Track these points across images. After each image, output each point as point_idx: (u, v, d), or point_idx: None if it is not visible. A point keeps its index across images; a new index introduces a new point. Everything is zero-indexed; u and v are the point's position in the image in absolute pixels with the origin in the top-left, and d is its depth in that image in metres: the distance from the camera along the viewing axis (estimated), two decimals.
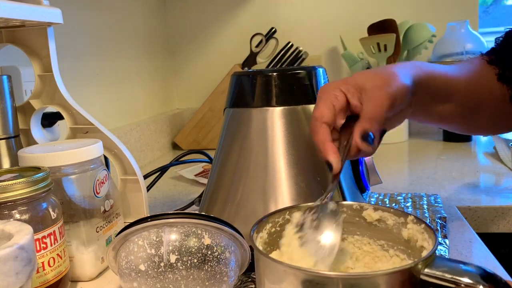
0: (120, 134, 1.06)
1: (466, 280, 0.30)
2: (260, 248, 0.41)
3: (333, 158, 0.44)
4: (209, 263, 0.43)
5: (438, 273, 0.31)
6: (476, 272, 0.31)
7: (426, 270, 0.32)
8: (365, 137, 0.44)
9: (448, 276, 0.31)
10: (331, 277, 0.32)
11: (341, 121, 0.47)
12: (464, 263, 0.32)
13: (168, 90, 1.52)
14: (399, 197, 0.78)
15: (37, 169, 0.49)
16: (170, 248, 0.43)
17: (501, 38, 0.63)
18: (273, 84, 0.55)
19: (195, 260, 0.43)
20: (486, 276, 0.30)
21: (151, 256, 0.43)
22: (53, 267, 0.48)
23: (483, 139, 1.31)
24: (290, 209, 0.44)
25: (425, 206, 0.73)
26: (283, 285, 0.33)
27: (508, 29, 0.63)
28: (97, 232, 0.55)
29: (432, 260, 0.32)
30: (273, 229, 0.43)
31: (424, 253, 0.37)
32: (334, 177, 0.44)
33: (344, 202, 0.45)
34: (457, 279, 0.31)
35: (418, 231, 0.39)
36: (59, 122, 0.76)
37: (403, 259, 0.41)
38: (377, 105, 0.46)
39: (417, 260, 0.32)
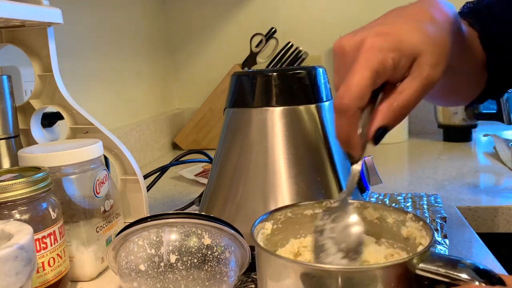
0: (120, 134, 1.06)
1: (460, 274, 0.31)
2: (261, 244, 0.41)
3: (357, 153, 0.38)
4: (209, 263, 0.43)
5: (432, 268, 0.32)
6: (470, 267, 0.31)
7: (421, 265, 0.32)
8: (381, 135, 0.38)
9: (442, 270, 0.31)
10: (328, 270, 0.32)
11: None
12: (459, 259, 0.32)
13: (168, 90, 1.52)
14: (399, 197, 0.78)
15: (37, 169, 0.49)
16: (170, 248, 0.43)
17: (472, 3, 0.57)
18: (273, 84, 0.55)
19: (195, 260, 0.43)
20: (481, 271, 0.31)
21: (151, 256, 0.43)
22: (53, 267, 0.48)
23: (483, 139, 1.31)
24: (291, 207, 0.44)
25: (425, 206, 0.73)
26: (283, 281, 0.34)
27: None
28: (97, 232, 0.55)
29: (427, 255, 0.33)
30: (275, 226, 0.43)
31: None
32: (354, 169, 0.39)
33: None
34: (451, 274, 0.31)
35: (417, 228, 0.40)
36: (59, 122, 0.76)
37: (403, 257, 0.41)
38: (414, 91, 0.37)
39: (413, 254, 0.33)
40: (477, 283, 0.30)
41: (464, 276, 0.30)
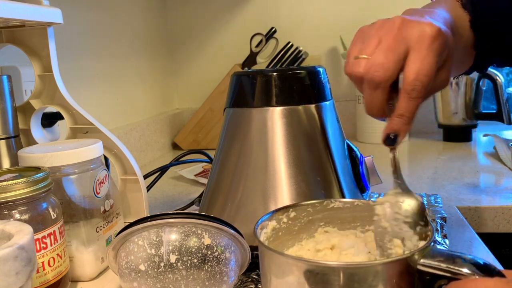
0: (120, 134, 1.06)
1: (461, 269, 0.31)
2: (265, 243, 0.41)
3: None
4: (209, 263, 0.43)
5: (434, 263, 0.32)
6: (471, 262, 0.32)
7: (422, 260, 0.33)
8: (391, 138, 0.43)
9: (443, 265, 0.32)
10: (331, 267, 0.33)
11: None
12: (460, 254, 0.33)
13: (168, 90, 1.52)
14: None
15: (37, 169, 0.49)
16: (170, 248, 0.43)
17: None
18: (273, 84, 0.55)
19: (195, 260, 0.43)
20: (481, 265, 0.31)
21: (151, 256, 0.43)
22: (53, 267, 0.48)
23: (483, 139, 1.31)
24: (293, 207, 0.45)
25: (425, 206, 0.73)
26: (287, 278, 0.34)
27: None
28: (97, 232, 0.55)
29: (428, 250, 0.33)
30: (278, 226, 0.44)
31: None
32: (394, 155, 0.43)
33: (349, 200, 0.46)
34: (452, 268, 0.32)
35: None
36: (59, 122, 0.76)
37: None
38: (422, 60, 0.41)
39: (414, 250, 0.34)
40: (477, 277, 0.30)
41: (465, 270, 0.31)
